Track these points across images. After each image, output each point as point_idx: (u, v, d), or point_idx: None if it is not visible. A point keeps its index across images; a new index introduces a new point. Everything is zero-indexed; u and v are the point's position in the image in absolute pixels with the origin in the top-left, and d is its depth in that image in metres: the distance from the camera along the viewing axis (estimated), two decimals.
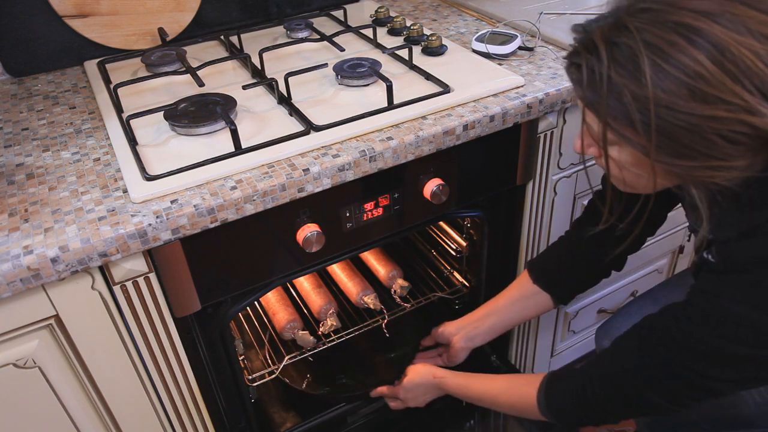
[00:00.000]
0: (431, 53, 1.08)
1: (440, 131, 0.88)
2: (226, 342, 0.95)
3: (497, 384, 0.95)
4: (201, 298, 0.85)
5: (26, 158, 0.86)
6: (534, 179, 1.09)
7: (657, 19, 0.56)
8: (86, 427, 0.86)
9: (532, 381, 0.87)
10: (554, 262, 1.02)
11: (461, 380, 1.00)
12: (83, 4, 1.10)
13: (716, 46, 0.54)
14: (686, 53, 0.54)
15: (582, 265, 0.99)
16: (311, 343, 1.18)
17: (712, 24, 0.54)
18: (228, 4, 1.24)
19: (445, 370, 1.05)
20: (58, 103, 1.02)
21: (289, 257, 0.90)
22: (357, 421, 1.23)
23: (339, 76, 1.00)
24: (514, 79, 0.98)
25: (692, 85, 0.55)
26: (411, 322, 1.31)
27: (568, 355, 1.51)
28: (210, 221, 0.76)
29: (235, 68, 1.10)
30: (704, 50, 0.54)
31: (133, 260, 0.76)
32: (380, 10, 1.23)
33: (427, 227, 1.35)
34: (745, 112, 0.54)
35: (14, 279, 0.67)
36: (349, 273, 1.32)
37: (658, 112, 0.56)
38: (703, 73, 0.54)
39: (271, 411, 1.23)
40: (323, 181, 0.82)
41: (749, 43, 0.53)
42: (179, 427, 0.95)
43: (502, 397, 0.93)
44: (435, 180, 0.94)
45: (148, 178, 0.78)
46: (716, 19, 0.54)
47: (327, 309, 1.22)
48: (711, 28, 0.54)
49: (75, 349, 0.78)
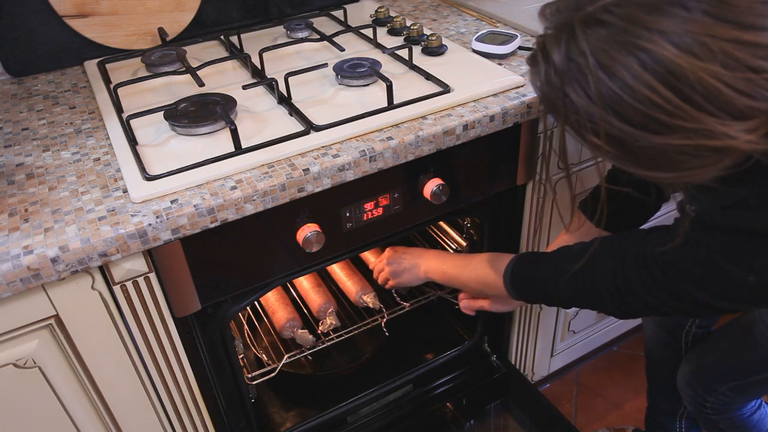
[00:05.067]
0: (431, 53, 1.08)
1: (440, 131, 0.88)
2: (226, 342, 0.95)
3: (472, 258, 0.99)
4: (201, 298, 0.85)
5: (26, 158, 0.86)
6: (534, 179, 1.09)
7: (612, 38, 0.53)
8: (86, 427, 0.86)
9: (503, 256, 0.92)
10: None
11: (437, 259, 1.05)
12: (83, 4, 1.10)
13: (671, 71, 0.51)
14: (638, 78, 0.52)
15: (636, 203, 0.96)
16: (311, 342, 1.18)
17: (669, 47, 0.50)
18: (228, 4, 1.24)
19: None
20: (58, 103, 1.02)
21: (288, 257, 0.90)
22: (357, 421, 1.23)
23: (339, 76, 1.00)
24: (514, 78, 0.98)
25: (646, 112, 0.52)
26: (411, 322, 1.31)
27: (568, 355, 1.51)
28: (210, 221, 0.76)
29: (235, 68, 1.10)
30: (658, 76, 0.51)
31: (133, 260, 0.76)
32: (380, 10, 1.23)
33: (427, 227, 1.35)
34: (703, 137, 0.52)
35: (14, 279, 0.67)
36: (349, 272, 1.32)
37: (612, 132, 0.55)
38: (656, 101, 0.52)
39: (271, 411, 1.23)
40: (323, 181, 0.82)
41: (711, 68, 0.50)
42: (179, 427, 0.95)
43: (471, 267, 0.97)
44: (435, 180, 0.94)
45: (148, 178, 0.78)
46: (674, 40, 0.50)
47: (326, 308, 1.22)
48: (666, 51, 0.50)
49: (75, 349, 0.78)
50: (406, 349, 1.34)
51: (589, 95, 0.55)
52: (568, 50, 0.56)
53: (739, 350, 1.00)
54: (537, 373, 1.48)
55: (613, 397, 1.56)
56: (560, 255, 0.84)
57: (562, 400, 1.56)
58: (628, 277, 0.73)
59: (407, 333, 1.37)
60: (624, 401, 1.54)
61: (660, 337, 1.21)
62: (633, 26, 0.52)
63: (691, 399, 1.11)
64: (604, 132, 0.56)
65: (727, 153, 0.54)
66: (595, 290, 0.77)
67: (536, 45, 0.61)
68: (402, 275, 1.10)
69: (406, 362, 1.28)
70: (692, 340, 1.16)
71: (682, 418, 1.28)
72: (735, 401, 1.06)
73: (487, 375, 1.34)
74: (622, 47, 0.52)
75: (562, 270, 0.81)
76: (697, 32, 0.50)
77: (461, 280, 1.00)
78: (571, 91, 0.56)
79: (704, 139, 0.53)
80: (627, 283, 0.73)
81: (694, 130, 0.52)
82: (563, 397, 1.56)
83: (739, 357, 1.00)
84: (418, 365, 1.27)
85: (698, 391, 1.08)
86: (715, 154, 0.54)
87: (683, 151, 0.54)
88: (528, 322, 1.33)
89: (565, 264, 0.82)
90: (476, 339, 1.32)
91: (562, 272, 0.81)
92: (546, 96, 0.61)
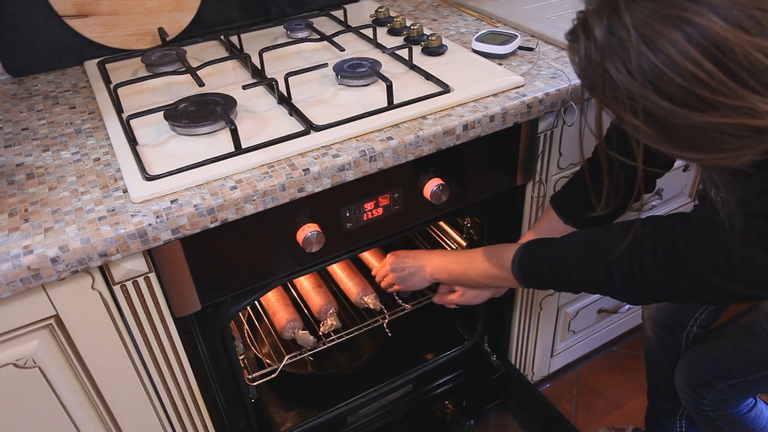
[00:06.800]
0: (431, 53, 1.08)
1: (440, 131, 0.88)
2: (226, 342, 0.95)
3: (476, 252, 0.98)
4: (201, 298, 0.85)
5: (26, 158, 0.86)
6: (534, 179, 1.09)
7: (657, 11, 0.52)
8: (86, 427, 0.86)
9: (509, 246, 0.92)
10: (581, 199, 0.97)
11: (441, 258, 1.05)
12: (83, 4, 1.10)
13: (717, 45, 0.49)
14: (683, 52, 0.50)
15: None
16: (311, 343, 1.18)
17: (717, 19, 0.49)
18: (228, 4, 1.24)
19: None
20: (58, 103, 1.02)
21: (289, 257, 0.90)
22: (357, 421, 1.23)
23: (339, 76, 1.00)
24: (514, 78, 0.98)
25: (688, 88, 0.51)
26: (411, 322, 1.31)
27: (569, 355, 1.51)
28: (210, 221, 0.76)
29: (235, 68, 1.10)
30: (703, 49, 0.50)
31: (133, 260, 0.76)
32: (380, 10, 1.23)
33: (427, 227, 1.35)
34: (745, 116, 0.51)
35: (14, 279, 0.67)
36: (349, 273, 1.32)
37: (650, 109, 0.54)
38: (700, 76, 0.50)
39: (271, 411, 1.23)
40: (323, 181, 0.82)
41: (759, 42, 0.49)
42: (179, 427, 0.95)
43: (477, 260, 0.96)
44: (435, 180, 0.94)
45: (148, 178, 0.78)
46: (722, 13, 0.49)
47: (327, 309, 1.22)
48: (714, 24, 0.49)
49: (75, 349, 0.78)
50: (406, 349, 1.34)
51: (629, 70, 0.54)
52: (610, 24, 0.55)
53: (739, 348, 1.00)
54: (537, 373, 1.48)
55: (613, 397, 1.56)
56: (568, 240, 0.84)
57: (562, 400, 1.55)
58: (644, 263, 0.72)
59: (407, 333, 1.37)
60: (624, 401, 1.54)
61: (660, 337, 1.21)
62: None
63: (688, 396, 1.11)
64: (643, 110, 0.55)
65: (767, 134, 0.53)
66: (608, 274, 0.76)
67: (577, 20, 0.60)
68: (409, 280, 1.09)
69: (406, 362, 1.28)
70: (692, 340, 1.16)
71: (682, 418, 1.28)
72: (732, 399, 1.06)
73: (487, 375, 1.34)
74: (668, 20, 0.51)
75: (572, 254, 0.81)
76: (746, 5, 0.49)
77: (468, 276, 1.00)
78: (612, 66, 0.55)
79: (746, 118, 0.51)
80: (643, 269, 0.72)
81: (737, 107, 0.51)
82: (563, 397, 1.56)
83: (739, 355, 1.00)
84: (418, 365, 1.27)
85: (696, 388, 1.09)
86: (755, 134, 0.53)
87: (723, 130, 0.53)
88: (528, 322, 1.33)
89: (573, 249, 0.81)
90: (476, 339, 1.32)
91: (571, 257, 0.81)
92: (584, 72, 0.59)
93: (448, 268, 1.03)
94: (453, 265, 1.02)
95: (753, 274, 0.65)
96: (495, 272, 0.93)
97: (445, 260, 1.04)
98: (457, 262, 1.02)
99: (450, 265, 1.02)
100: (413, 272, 1.07)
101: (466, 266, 0.99)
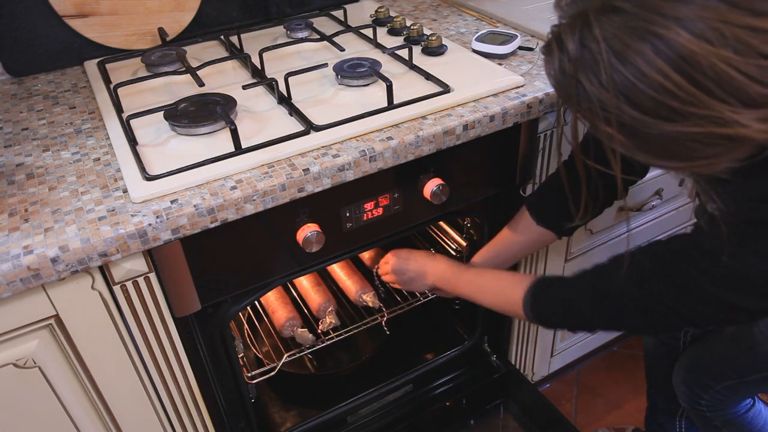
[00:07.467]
0: (431, 53, 1.08)
1: (440, 131, 0.88)
2: (226, 342, 0.95)
3: (485, 278, 0.97)
4: (201, 298, 0.85)
5: (26, 158, 0.86)
6: (534, 179, 1.09)
7: (626, 24, 0.53)
8: (86, 427, 0.86)
9: (520, 281, 0.90)
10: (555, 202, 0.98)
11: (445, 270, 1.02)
12: (83, 4, 1.10)
13: (684, 57, 0.51)
14: (651, 64, 0.52)
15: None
16: (310, 341, 1.18)
17: (683, 32, 0.51)
18: (228, 4, 1.24)
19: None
20: (58, 103, 1.02)
21: (289, 257, 0.90)
22: (357, 421, 1.23)
23: (339, 76, 1.00)
24: (514, 78, 0.98)
25: (658, 99, 0.52)
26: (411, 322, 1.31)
27: (569, 355, 1.51)
28: (210, 221, 0.76)
29: (235, 68, 1.10)
30: (670, 61, 0.51)
31: (133, 260, 0.76)
32: (380, 10, 1.23)
33: (427, 227, 1.35)
34: (714, 125, 0.52)
35: (14, 279, 0.67)
36: (348, 271, 1.32)
37: (624, 119, 0.55)
38: (669, 87, 0.52)
39: (271, 411, 1.23)
40: (323, 181, 0.82)
41: (723, 54, 0.50)
42: (179, 427, 0.95)
43: (487, 292, 0.95)
44: (435, 180, 0.94)
45: (148, 178, 0.78)
46: (687, 26, 0.51)
47: (326, 307, 1.22)
48: (679, 37, 0.51)
49: (75, 349, 0.78)
50: (406, 349, 1.35)
51: (601, 82, 0.55)
52: (582, 38, 0.56)
53: (737, 350, 1.00)
54: (537, 373, 1.48)
55: (613, 397, 1.56)
56: (581, 277, 0.83)
57: (562, 400, 1.56)
58: (652, 290, 0.72)
59: (407, 333, 1.37)
60: (624, 401, 1.54)
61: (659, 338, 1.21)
62: (648, 12, 0.52)
63: (685, 396, 1.11)
64: (616, 120, 0.56)
65: (739, 142, 0.54)
66: (622, 307, 0.76)
67: (551, 34, 0.61)
68: (409, 284, 1.08)
69: (406, 362, 1.29)
70: (690, 340, 1.17)
71: (682, 418, 1.28)
72: (730, 399, 1.06)
73: (487, 375, 1.34)
74: (636, 33, 0.53)
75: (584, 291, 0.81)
76: (710, 18, 0.50)
77: (475, 300, 0.98)
78: (585, 78, 0.56)
79: (715, 127, 0.52)
80: (652, 295, 0.73)
81: (706, 117, 0.52)
82: (563, 397, 1.56)
83: (737, 356, 1.00)
84: (418, 365, 1.27)
85: (693, 388, 1.09)
86: (728, 142, 0.54)
87: (695, 139, 0.54)
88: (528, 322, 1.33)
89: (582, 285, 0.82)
90: (476, 339, 1.32)
91: (583, 293, 0.81)
92: (559, 85, 0.61)
93: (453, 287, 1.00)
94: (461, 287, 0.99)
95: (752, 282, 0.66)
96: (506, 307, 0.92)
97: (450, 276, 1.01)
98: (465, 283, 0.99)
99: (456, 286, 1.00)
100: (414, 277, 1.06)
101: (475, 292, 0.97)
